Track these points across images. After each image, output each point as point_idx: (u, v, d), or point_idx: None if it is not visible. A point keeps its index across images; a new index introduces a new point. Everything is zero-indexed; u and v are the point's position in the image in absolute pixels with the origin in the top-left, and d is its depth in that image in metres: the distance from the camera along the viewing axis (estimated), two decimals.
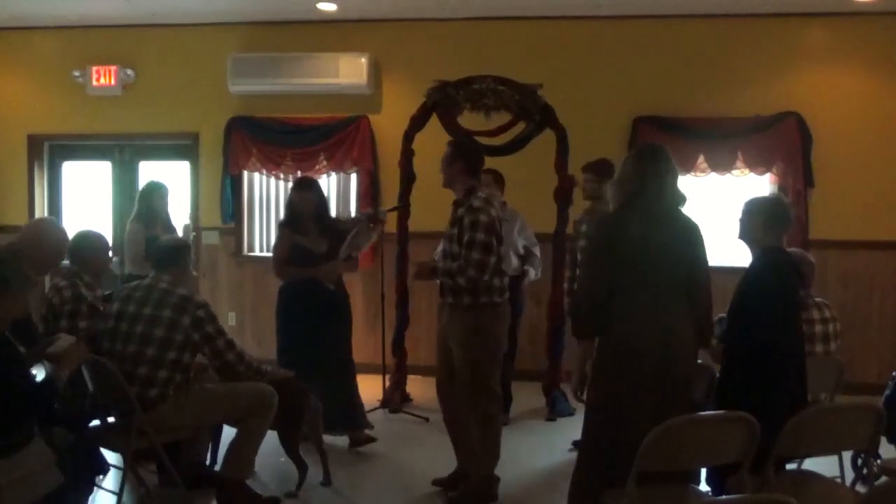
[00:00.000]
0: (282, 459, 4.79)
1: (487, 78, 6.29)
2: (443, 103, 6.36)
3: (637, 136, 7.34)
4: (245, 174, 8.19)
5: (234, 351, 4.29)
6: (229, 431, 4.52)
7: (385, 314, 6.48)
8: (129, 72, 8.14)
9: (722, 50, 7.40)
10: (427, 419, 6.19)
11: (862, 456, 3.86)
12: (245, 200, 8.24)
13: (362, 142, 7.80)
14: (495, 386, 4.57)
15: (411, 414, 6.34)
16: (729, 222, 4.40)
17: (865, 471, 3.72)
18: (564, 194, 6.36)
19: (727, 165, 7.35)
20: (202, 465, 4.68)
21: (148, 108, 8.18)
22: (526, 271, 6.29)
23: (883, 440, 3.86)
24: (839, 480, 3.98)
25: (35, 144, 8.49)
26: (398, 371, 6.67)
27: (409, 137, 6.54)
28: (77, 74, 8.14)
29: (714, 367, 3.81)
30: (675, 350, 3.42)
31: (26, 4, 7.57)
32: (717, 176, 7.40)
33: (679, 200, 3.58)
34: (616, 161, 5.56)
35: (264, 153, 7.98)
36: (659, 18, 7.41)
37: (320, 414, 4.81)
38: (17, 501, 3.17)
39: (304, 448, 4.76)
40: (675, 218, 3.55)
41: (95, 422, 4.40)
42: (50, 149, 8.62)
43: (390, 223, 6.32)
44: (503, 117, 6.37)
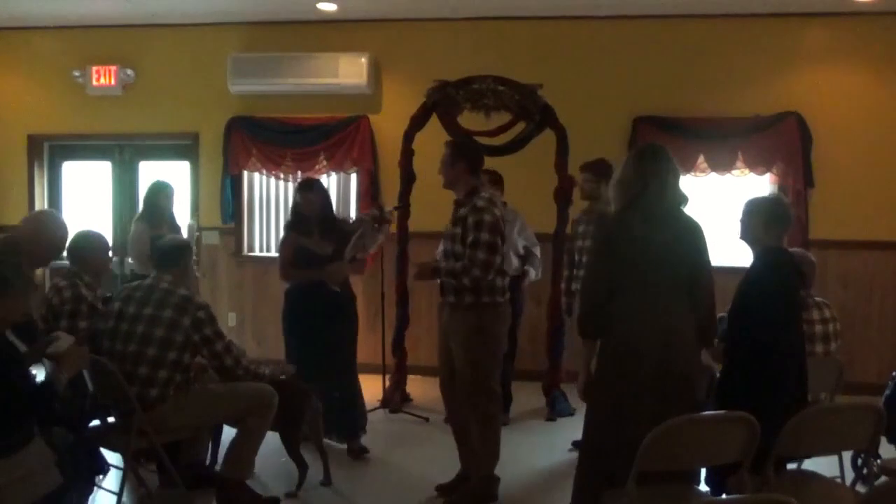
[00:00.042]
0: (283, 460, 4.78)
1: (487, 78, 6.29)
2: (443, 103, 6.36)
3: (637, 136, 7.34)
4: (245, 174, 8.19)
5: (232, 354, 4.29)
6: (229, 431, 4.52)
7: (385, 314, 6.48)
8: (129, 72, 8.14)
9: (722, 50, 7.40)
10: (427, 419, 6.20)
11: (862, 456, 3.86)
12: (245, 200, 8.24)
13: (362, 142, 7.80)
14: (495, 386, 4.56)
15: (411, 414, 6.34)
16: (729, 222, 4.41)
17: (865, 471, 3.71)
18: (564, 194, 6.37)
19: (727, 165, 7.35)
20: (202, 465, 4.68)
21: (148, 108, 8.18)
22: (526, 271, 6.28)
23: (883, 440, 3.86)
24: (839, 480, 3.98)
25: (35, 144, 8.49)
26: (398, 371, 6.67)
27: (409, 137, 6.54)
28: (77, 74, 8.14)
29: (714, 367, 3.81)
30: (676, 350, 3.42)
31: (26, 4, 7.57)
32: (717, 176, 7.40)
33: (681, 200, 3.58)
34: (614, 161, 5.58)
35: (264, 153, 7.98)
36: (659, 18, 7.41)
37: (321, 414, 4.81)
38: (17, 501, 3.17)
39: (304, 448, 4.76)
40: (677, 218, 3.55)
41: (95, 422, 4.39)
42: (50, 149, 8.62)
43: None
44: (503, 117, 6.37)
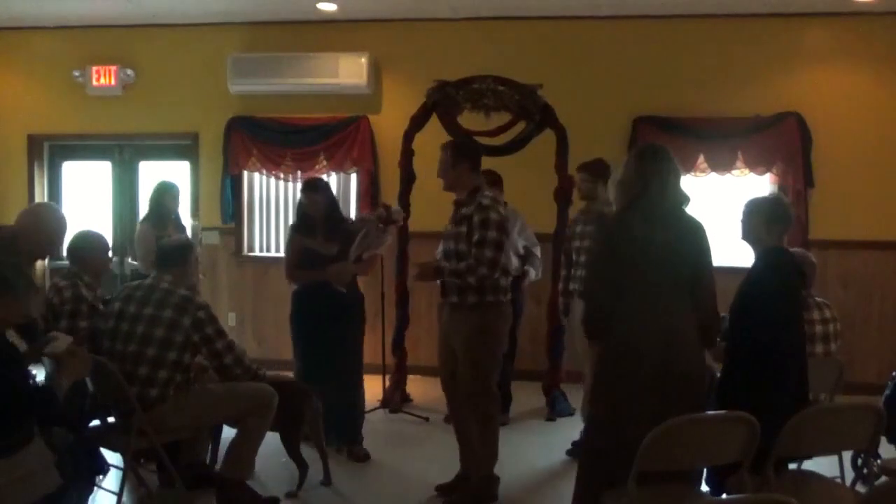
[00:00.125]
0: (283, 460, 4.78)
1: (487, 78, 6.29)
2: (443, 103, 6.36)
3: (637, 136, 7.34)
4: (245, 174, 8.19)
5: (233, 354, 4.28)
6: (229, 431, 4.52)
7: (385, 314, 6.48)
8: (129, 72, 8.14)
9: (722, 50, 7.40)
10: (427, 419, 6.20)
11: (862, 456, 3.86)
12: (245, 200, 8.24)
13: (362, 142, 7.80)
14: (494, 386, 4.56)
15: (411, 414, 6.34)
16: (729, 222, 4.41)
17: (865, 471, 3.72)
18: (564, 194, 6.36)
19: (727, 165, 7.35)
20: (202, 465, 4.67)
21: (148, 108, 8.19)
22: (526, 271, 6.28)
23: (883, 440, 3.86)
24: (839, 480, 3.98)
25: (35, 144, 8.49)
26: (398, 371, 6.67)
27: (409, 137, 6.54)
28: (77, 74, 8.14)
29: (714, 367, 3.80)
30: (677, 350, 3.41)
31: (26, 4, 7.57)
32: (717, 176, 7.40)
33: (682, 200, 3.57)
34: (613, 161, 5.60)
35: (264, 153, 7.98)
36: (659, 18, 7.41)
37: (321, 414, 4.80)
38: (17, 502, 3.17)
39: (304, 448, 4.75)
40: (679, 218, 3.54)
41: (95, 422, 4.39)
42: (50, 149, 8.62)
43: None
44: (503, 117, 6.37)
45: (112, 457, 4.50)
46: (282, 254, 7.79)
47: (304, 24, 7.87)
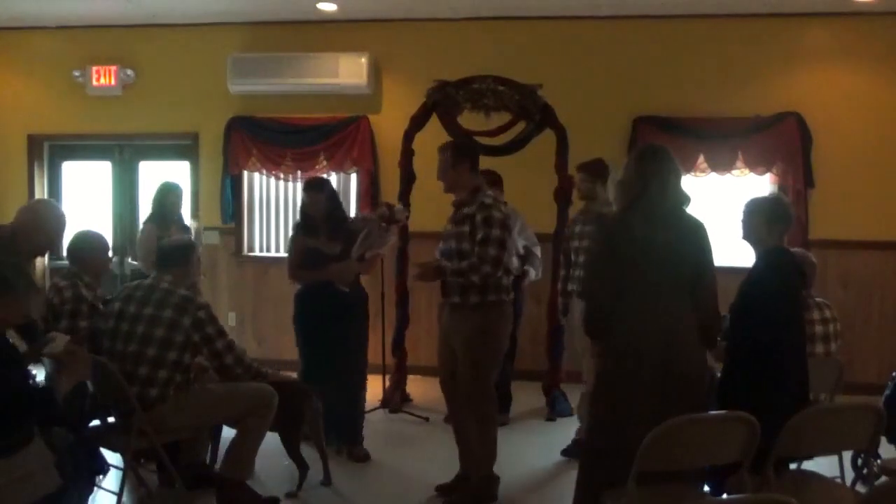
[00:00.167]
0: (285, 463, 4.78)
1: (487, 78, 6.30)
2: (443, 103, 6.36)
3: (637, 136, 7.34)
4: (245, 174, 8.20)
5: (233, 353, 4.28)
6: (229, 431, 4.52)
7: (385, 314, 6.48)
8: (129, 72, 8.14)
9: (722, 50, 7.40)
10: (427, 419, 6.20)
11: (862, 456, 3.86)
12: (245, 200, 8.24)
13: (362, 142, 7.80)
14: (491, 387, 4.56)
15: (411, 414, 6.34)
16: (729, 222, 4.41)
17: (865, 471, 3.71)
18: (564, 194, 6.37)
19: (727, 165, 7.35)
20: (202, 465, 4.68)
21: (148, 108, 8.19)
22: (526, 271, 6.27)
23: (883, 440, 3.86)
24: (839, 480, 3.98)
25: (35, 144, 8.49)
26: (398, 371, 6.67)
27: (409, 137, 6.54)
28: (77, 74, 8.14)
29: (714, 367, 3.80)
30: (678, 350, 3.41)
31: (26, 4, 7.57)
32: (717, 176, 7.40)
33: (683, 200, 3.57)
34: (613, 161, 5.60)
35: (264, 153, 7.98)
36: (659, 18, 7.41)
37: (321, 414, 4.80)
38: (17, 502, 3.17)
39: (304, 448, 4.75)
40: (679, 218, 3.54)
41: (95, 422, 4.40)
42: (50, 149, 8.62)
43: None
44: (503, 117, 6.37)
45: (112, 457, 4.50)
46: (282, 254, 7.84)
47: (304, 24, 7.87)
